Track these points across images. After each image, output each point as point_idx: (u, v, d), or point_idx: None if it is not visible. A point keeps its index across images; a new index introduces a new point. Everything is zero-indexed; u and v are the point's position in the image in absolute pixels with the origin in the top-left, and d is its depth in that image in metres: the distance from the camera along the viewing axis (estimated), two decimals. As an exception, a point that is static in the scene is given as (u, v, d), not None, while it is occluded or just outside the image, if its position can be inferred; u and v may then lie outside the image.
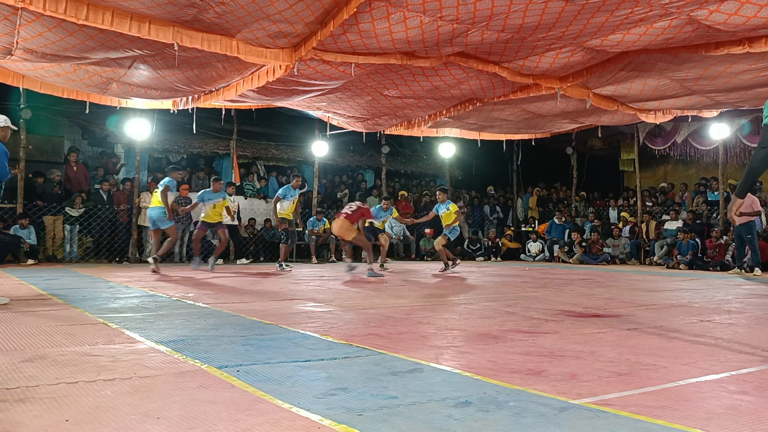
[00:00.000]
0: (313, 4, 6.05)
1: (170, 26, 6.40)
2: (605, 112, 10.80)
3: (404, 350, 3.38)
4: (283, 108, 11.62)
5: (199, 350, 3.32)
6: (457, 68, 8.30)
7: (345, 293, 6.76)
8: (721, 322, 4.66)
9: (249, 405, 2.29)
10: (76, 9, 5.78)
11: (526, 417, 2.16)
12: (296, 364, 3.01)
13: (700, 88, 9.14)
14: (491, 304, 5.81)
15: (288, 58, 7.33)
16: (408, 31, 6.58)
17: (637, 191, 15.17)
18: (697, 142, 14.71)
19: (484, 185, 18.53)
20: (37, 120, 12.92)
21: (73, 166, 12.94)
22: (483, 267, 12.61)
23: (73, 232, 12.17)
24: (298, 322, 4.42)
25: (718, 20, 6.24)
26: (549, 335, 3.96)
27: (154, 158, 14.72)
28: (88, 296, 6.02)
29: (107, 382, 2.61)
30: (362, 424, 2.06)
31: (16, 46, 6.98)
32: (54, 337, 3.69)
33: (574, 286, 7.97)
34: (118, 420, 2.09)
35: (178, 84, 8.73)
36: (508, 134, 13.65)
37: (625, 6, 5.96)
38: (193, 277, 8.87)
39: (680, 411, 2.28)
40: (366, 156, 17.38)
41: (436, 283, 8.44)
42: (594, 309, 5.39)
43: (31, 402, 2.29)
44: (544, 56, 7.81)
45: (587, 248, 14.49)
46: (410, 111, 10.84)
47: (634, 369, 2.98)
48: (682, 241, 12.69)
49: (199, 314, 4.80)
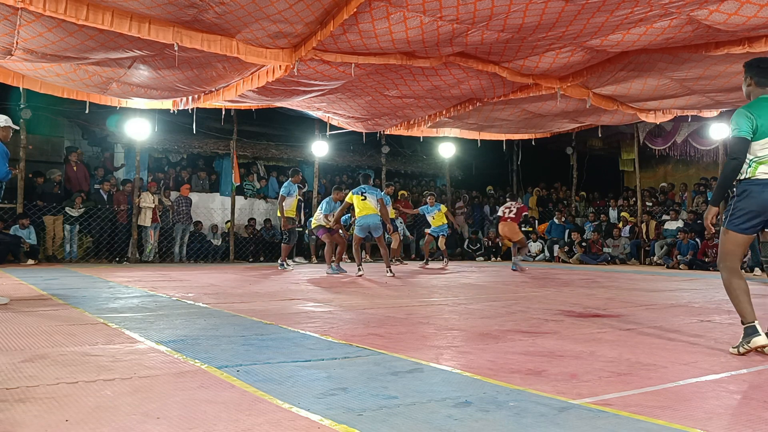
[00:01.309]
0: (313, 4, 6.05)
1: (170, 26, 6.39)
2: (605, 112, 10.80)
3: (404, 350, 3.38)
4: (283, 108, 11.62)
5: (199, 350, 3.32)
6: (457, 68, 8.30)
7: (345, 293, 6.76)
8: (721, 322, 4.66)
9: (249, 405, 2.29)
10: (76, 9, 5.78)
11: (526, 417, 2.17)
12: (296, 364, 3.02)
13: (700, 88, 9.14)
14: (491, 304, 5.81)
15: (288, 59, 7.33)
16: (408, 31, 6.58)
17: (637, 191, 15.17)
18: (697, 142, 14.71)
19: (484, 185, 18.53)
20: (37, 120, 12.93)
21: (73, 166, 12.94)
22: (483, 267, 12.61)
23: (73, 232, 12.16)
24: (298, 322, 4.42)
25: (718, 20, 6.24)
26: (549, 335, 3.96)
27: (154, 158, 14.72)
28: (88, 296, 6.02)
29: (107, 382, 2.61)
30: (362, 424, 2.06)
31: (16, 46, 6.98)
32: (54, 337, 3.69)
33: (574, 286, 7.97)
34: (118, 420, 2.09)
35: (178, 84, 8.73)
36: (508, 134, 13.64)
37: (625, 6, 5.95)
38: (190, 278, 8.87)
39: (680, 411, 2.28)
40: (366, 156, 17.38)
41: (436, 283, 8.44)
42: (594, 309, 5.39)
43: (31, 402, 2.29)
44: (544, 56, 7.81)
45: (587, 248, 14.49)
46: (410, 111, 10.84)
47: (634, 369, 2.98)
48: (682, 241, 12.70)
49: (199, 314, 4.80)
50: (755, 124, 3.36)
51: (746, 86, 3.58)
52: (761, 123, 3.35)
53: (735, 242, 3.45)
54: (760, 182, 3.34)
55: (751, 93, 3.54)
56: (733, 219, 3.43)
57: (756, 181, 3.36)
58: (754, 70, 3.52)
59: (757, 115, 3.37)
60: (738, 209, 3.41)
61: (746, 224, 3.40)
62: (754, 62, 3.56)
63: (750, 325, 3.34)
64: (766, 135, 3.34)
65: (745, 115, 3.39)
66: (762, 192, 3.34)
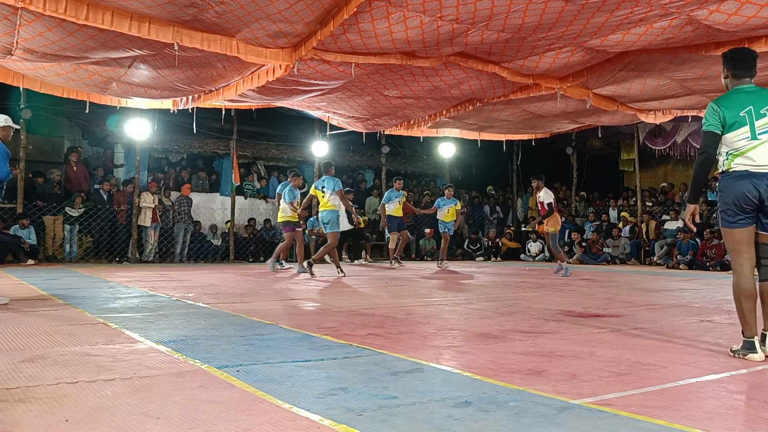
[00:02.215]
0: (313, 4, 6.05)
1: (170, 26, 6.39)
2: (605, 112, 10.80)
3: (404, 350, 3.38)
4: (283, 108, 11.62)
5: (199, 350, 3.32)
6: (457, 68, 8.30)
7: (345, 293, 6.76)
8: (721, 322, 4.66)
9: (249, 405, 2.29)
10: (76, 9, 5.78)
11: (526, 417, 2.16)
12: (296, 364, 3.01)
13: (700, 88, 9.14)
14: (491, 304, 5.81)
15: (288, 58, 7.33)
16: (408, 31, 6.58)
17: (637, 191, 15.16)
18: (697, 142, 14.68)
19: (484, 185, 18.52)
20: (37, 120, 12.92)
21: (73, 166, 12.93)
22: (483, 267, 12.61)
23: (73, 232, 12.16)
24: (298, 322, 4.42)
25: (718, 20, 6.24)
26: (549, 335, 3.96)
27: (154, 158, 14.72)
28: (88, 296, 6.02)
29: (107, 382, 2.61)
30: (362, 424, 2.06)
31: (16, 46, 6.97)
32: (54, 337, 3.69)
33: (574, 286, 7.97)
34: (118, 420, 2.09)
35: (178, 83, 8.72)
36: (508, 134, 13.64)
37: (625, 6, 5.95)
38: (193, 278, 8.87)
39: (680, 411, 2.28)
40: (366, 156, 17.38)
41: (437, 283, 8.44)
42: (594, 309, 5.39)
43: (31, 402, 2.29)
44: (544, 56, 7.81)
45: (587, 248, 14.49)
46: (410, 111, 10.84)
47: (634, 369, 2.98)
48: (682, 241, 12.69)
49: (199, 314, 4.80)
50: (722, 116, 3.29)
51: (724, 78, 3.52)
52: (729, 115, 3.28)
53: (733, 239, 3.32)
54: (736, 174, 3.26)
55: (729, 84, 3.48)
56: (722, 215, 3.35)
57: (732, 173, 3.29)
58: (730, 62, 3.46)
59: (724, 108, 3.31)
60: (722, 204, 3.34)
61: (733, 218, 3.28)
62: (729, 54, 3.50)
63: (749, 340, 3.25)
64: (737, 126, 3.27)
65: (713, 109, 3.34)
66: (736, 184, 3.25)
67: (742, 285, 3.29)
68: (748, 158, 3.24)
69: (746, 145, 3.25)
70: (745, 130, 3.26)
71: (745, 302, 3.28)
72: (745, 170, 3.24)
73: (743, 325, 3.29)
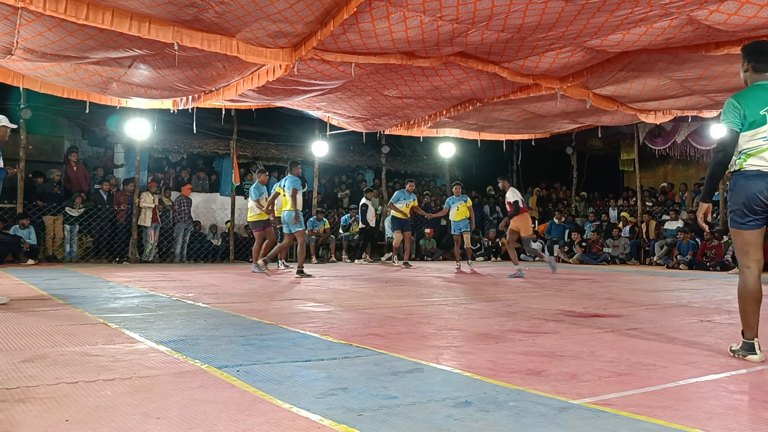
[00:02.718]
0: (313, 4, 6.05)
1: (170, 26, 6.39)
2: (605, 112, 10.80)
3: (404, 350, 3.38)
4: (283, 108, 11.62)
5: (199, 350, 3.32)
6: (457, 68, 8.30)
7: (345, 293, 6.76)
8: (721, 322, 4.66)
9: (249, 405, 2.29)
10: (76, 9, 5.78)
11: (526, 417, 2.16)
12: (296, 364, 3.01)
13: (700, 88, 9.14)
14: (491, 304, 5.81)
15: (288, 58, 7.33)
16: (408, 30, 6.58)
17: (637, 191, 15.16)
18: (697, 142, 14.71)
19: (484, 185, 18.52)
20: (37, 120, 12.92)
21: (73, 166, 12.93)
22: (483, 267, 12.61)
23: (73, 232, 12.16)
24: (298, 322, 4.42)
25: (718, 20, 6.24)
26: (549, 335, 3.96)
27: (154, 158, 14.72)
28: (88, 296, 6.02)
29: (107, 382, 2.61)
30: (362, 424, 2.06)
31: (16, 46, 6.97)
32: (54, 337, 3.69)
33: (574, 286, 7.96)
34: (118, 420, 2.09)
35: (178, 83, 8.72)
36: (508, 134, 13.64)
37: (625, 6, 5.95)
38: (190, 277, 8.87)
39: (680, 411, 2.28)
40: (366, 156, 17.38)
41: (436, 283, 8.45)
42: (594, 309, 5.39)
43: (31, 402, 2.29)
44: (544, 56, 7.81)
45: (587, 248, 14.49)
46: (410, 111, 10.84)
47: (634, 369, 2.98)
48: (682, 241, 12.69)
49: (199, 314, 4.80)
50: (742, 113, 3.14)
51: (743, 72, 3.35)
52: (749, 113, 3.13)
53: (742, 240, 3.22)
54: (749, 174, 3.14)
55: (748, 79, 3.31)
56: (731, 215, 3.25)
57: (744, 173, 3.17)
58: (751, 55, 3.28)
59: (745, 105, 3.16)
60: (732, 204, 3.23)
61: (742, 219, 3.17)
62: (751, 46, 3.33)
63: (749, 342, 3.20)
64: (756, 125, 3.12)
65: (733, 105, 3.19)
66: (748, 184, 3.13)
67: (747, 286, 3.21)
68: (762, 159, 3.12)
69: (762, 145, 3.12)
70: (764, 130, 3.12)
71: (749, 304, 3.21)
72: (758, 170, 3.13)
73: (744, 326, 3.25)
